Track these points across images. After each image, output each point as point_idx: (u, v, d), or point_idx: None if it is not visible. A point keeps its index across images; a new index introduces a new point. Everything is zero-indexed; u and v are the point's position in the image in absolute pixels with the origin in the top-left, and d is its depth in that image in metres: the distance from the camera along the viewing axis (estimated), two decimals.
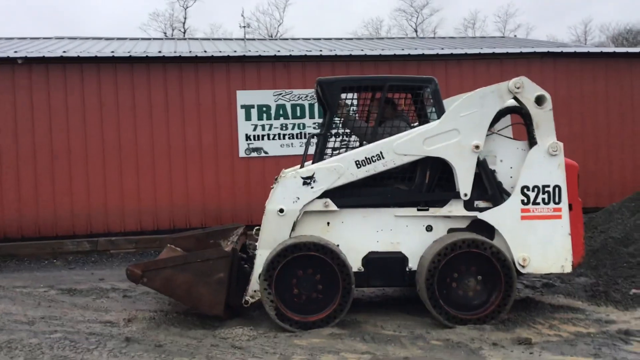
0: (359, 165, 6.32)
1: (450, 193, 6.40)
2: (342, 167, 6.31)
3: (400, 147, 6.31)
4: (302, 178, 6.32)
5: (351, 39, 20.61)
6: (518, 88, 6.28)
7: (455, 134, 6.30)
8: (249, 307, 6.42)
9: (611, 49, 15.94)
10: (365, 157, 6.32)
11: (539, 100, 6.33)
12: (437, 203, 6.43)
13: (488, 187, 6.39)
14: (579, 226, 6.47)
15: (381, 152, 6.31)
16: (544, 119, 6.34)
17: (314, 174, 6.32)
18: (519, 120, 6.72)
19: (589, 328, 5.95)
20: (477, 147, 6.27)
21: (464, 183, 6.32)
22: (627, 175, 13.84)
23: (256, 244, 6.64)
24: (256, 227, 6.85)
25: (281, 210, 6.30)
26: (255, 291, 6.33)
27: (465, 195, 6.33)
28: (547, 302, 6.99)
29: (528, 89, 6.32)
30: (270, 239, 6.34)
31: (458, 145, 6.29)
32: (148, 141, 12.22)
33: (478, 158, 6.34)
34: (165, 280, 6.35)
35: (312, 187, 6.31)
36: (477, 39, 21.03)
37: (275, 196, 6.37)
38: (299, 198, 6.31)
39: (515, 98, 6.36)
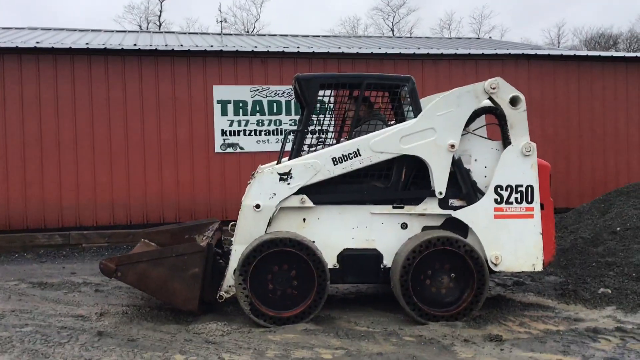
0: (335, 162, 6.34)
1: (426, 191, 6.47)
2: (319, 163, 6.32)
3: (377, 145, 6.35)
4: (279, 174, 6.32)
5: (328, 36, 20.64)
6: (493, 89, 6.35)
7: (432, 132, 6.36)
8: (223, 302, 6.40)
9: (584, 52, 16.23)
10: (342, 154, 6.34)
11: (514, 101, 6.41)
12: (413, 201, 6.48)
13: (462, 186, 6.46)
14: (550, 226, 6.57)
15: (358, 150, 6.34)
16: (518, 120, 6.43)
17: (290, 170, 6.32)
18: (494, 121, 6.80)
19: (559, 326, 6.06)
20: (452, 146, 6.33)
21: (439, 181, 6.38)
22: (598, 176, 14.11)
23: (232, 239, 6.63)
24: (232, 223, 6.84)
25: (257, 206, 6.30)
26: (230, 286, 6.32)
27: (441, 193, 6.39)
28: (517, 300, 7.10)
29: (503, 90, 6.40)
30: (247, 234, 6.33)
31: (434, 144, 6.35)
32: (122, 134, 12.10)
33: (453, 157, 6.41)
34: (140, 274, 6.30)
35: (288, 184, 6.31)
36: (452, 40, 21.21)
37: (251, 192, 6.37)
38: (275, 194, 6.31)
39: (491, 98, 6.44)
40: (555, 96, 13.99)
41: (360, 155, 6.34)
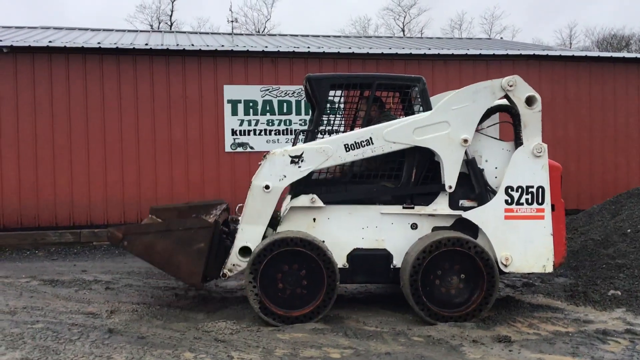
0: (347, 149, 6.33)
1: (435, 185, 6.46)
2: (331, 149, 6.32)
3: (390, 135, 6.33)
4: (291, 156, 6.32)
5: (339, 36, 20.63)
6: (511, 86, 6.33)
7: (446, 126, 6.33)
8: (232, 299, 6.44)
9: (595, 53, 16.14)
10: (355, 141, 6.33)
11: (530, 101, 6.39)
12: (423, 201, 6.48)
13: (476, 186, 6.44)
14: (561, 227, 6.55)
15: (371, 138, 6.32)
16: (532, 120, 6.41)
17: (302, 153, 6.32)
18: (507, 119, 6.78)
19: (568, 327, 6.04)
20: (465, 141, 6.31)
21: (450, 175, 6.36)
22: (608, 177, 14.04)
23: (239, 218, 6.64)
24: (239, 205, 6.84)
25: (267, 187, 6.30)
26: (233, 265, 6.36)
27: (450, 187, 6.37)
28: (527, 301, 7.07)
29: (520, 88, 6.38)
30: (254, 214, 6.36)
31: (447, 137, 6.33)
32: (133, 133, 12.17)
33: (467, 156, 6.41)
34: (146, 245, 6.34)
35: (299, 167, 6.32)
36: (463, 40, 21.15)
37: (262, 172, 6.37)
38: (285, 176, 6.32)
39: (507, 96, 6.42)
40: (566, 97, 13.93)
41: (372, 143, 6.32)
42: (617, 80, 14.18)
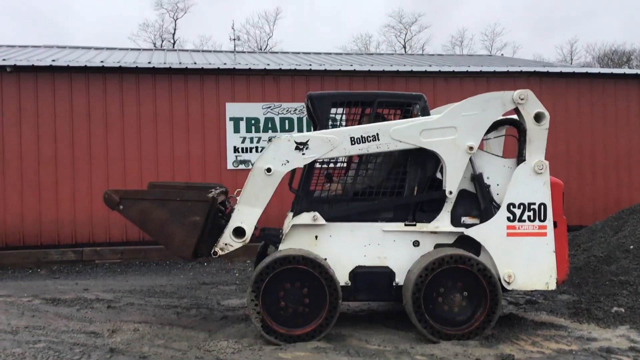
0: (353, 142, 6.33)
1: (436, 192, 6.47)
2: (337, 140, 6.32)
3: (397, 132, 6.32)
4: (296, 142, 6.33)
5: (340, 54, 20.75)
6: (522, 99, 6.34)
7: (453, 131, 6.34)
8: (234, 317, 6.39)
9: (596, 70, 16.19)
10: (362, 135, 6.32)
11: (538, 117, 6.38)
12: (425, 219, 6.48)
13: (482, 202, 6.43)
14: (563, 244, 6.53)
15: (377, 134, 6.32)
16: (537, 136, 6.40)
17: (308, 140, 6.34)
18: (513, 133, 6.79)
19: (571, 345, 6.01)
20: (471, 148, 6.31)
21: (452, 181, 6.35)
22: (611, 194, 14.02)
23: (237, 198, 6.64)
24: (237, 190, 6.82)
25: (269, 170, 6.30)
26: (226, 244, 6.37)
27: (450, 192, 6.35)
28: (530, 319, 7.04)
29: (531, 103, 6.38)
30: (252, 196, 6.36)
31: (453, 142, 6.33)
32: (136, 151, 12.21)
33: (474, 171, 6.43)
34: (142, 211, 6.34)
35: (303, 154, 6.33)
36: (464, 57, 21.25)
37: (265, 155, 6.37)
38: (288, 161, 6.33)
39: (517, 109, 6.43)
40: (567, 114, 13.95)
41: (378, 140, 6.32)
42: (618, 96, 14.21)
